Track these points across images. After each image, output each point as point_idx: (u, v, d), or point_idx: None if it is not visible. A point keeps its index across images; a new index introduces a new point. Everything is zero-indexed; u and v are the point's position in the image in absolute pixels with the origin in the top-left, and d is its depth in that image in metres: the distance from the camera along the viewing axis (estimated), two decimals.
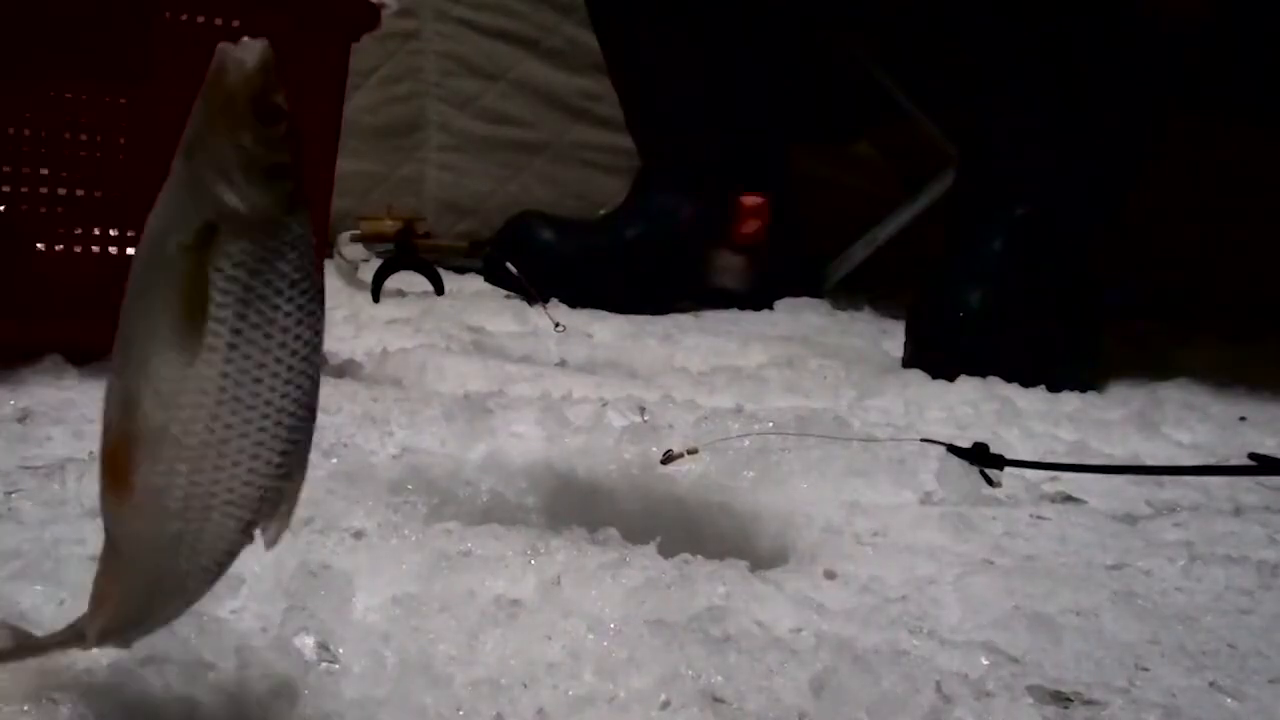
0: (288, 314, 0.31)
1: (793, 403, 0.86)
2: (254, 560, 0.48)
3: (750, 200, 1.44)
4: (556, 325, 1.09)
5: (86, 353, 0.77)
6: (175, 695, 0.36)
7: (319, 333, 0.32)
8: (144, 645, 0.38)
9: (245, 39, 0.30)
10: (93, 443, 0.63)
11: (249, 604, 0.45)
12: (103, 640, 0.34)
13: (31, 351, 0.75)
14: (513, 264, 1.31)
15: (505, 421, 0.71)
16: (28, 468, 0.58)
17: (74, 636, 0.34)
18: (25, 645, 0.35)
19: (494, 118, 1.79)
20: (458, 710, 0.38)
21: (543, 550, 0.49)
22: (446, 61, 1.77)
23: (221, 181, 0.31)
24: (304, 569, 0.47)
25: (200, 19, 0.79)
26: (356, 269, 1.38)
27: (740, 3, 1.44)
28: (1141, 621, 0.48)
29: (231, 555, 0.32)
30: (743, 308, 1.43)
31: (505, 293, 1.38)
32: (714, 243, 1.44)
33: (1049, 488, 0.68)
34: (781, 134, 1.55)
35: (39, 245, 0.78)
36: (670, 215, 1.46)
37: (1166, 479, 0.70)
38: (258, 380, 0.30)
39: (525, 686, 0.39)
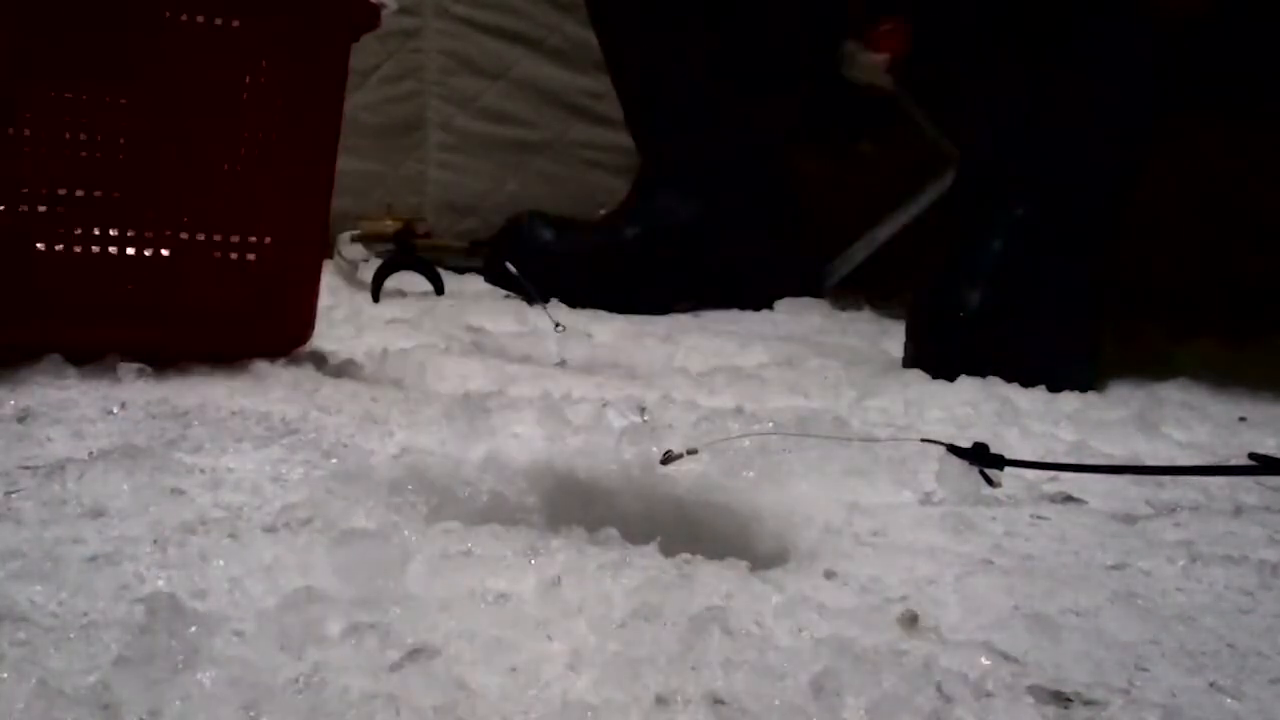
0: None
1: (793, 403, 0.86)
2: (253, 559, 0.48)
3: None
4: (556, 325, 1.09)
5: (86, 353, 0.77)
6: (173, 692, 0.36)
7: None
8: (144, 642, 0.38)
9: None
10: (93, 442, 0.63)
11: (248, 602, 0.45)
12: None
13: (31, 351, 0.75)
14: (513, 264, 1.31)
15: (505, 421, 0.71)
16: (28, 468, 0.58)
17: None
18: None
19: (494, 117, 1.79)
20: (457, 710, 0.38)
21: (543, 550, 0.49)
22: (447, 60, 1.77)
23: None
24: (304, 569, 0.47)
25: (200, 19, 0.79)
26: (356, 269, 1.38)
27: (741, 3, 1.44)
28: (1141, 621, 0.48)
29: None
30: (743, 308, 1.43)
31: (505, 293, 1.38)
32: (853, 37, 1.43)
33: (1049, 488, 0.68)
34: (782, 134, 1.55)
35: (39, 245, 0.78)
36: (670, 215, 1.46)
37: (1166, 479, 0.70)
38: None
39: (525, 686, 0.39)
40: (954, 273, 1.05)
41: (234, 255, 0.83)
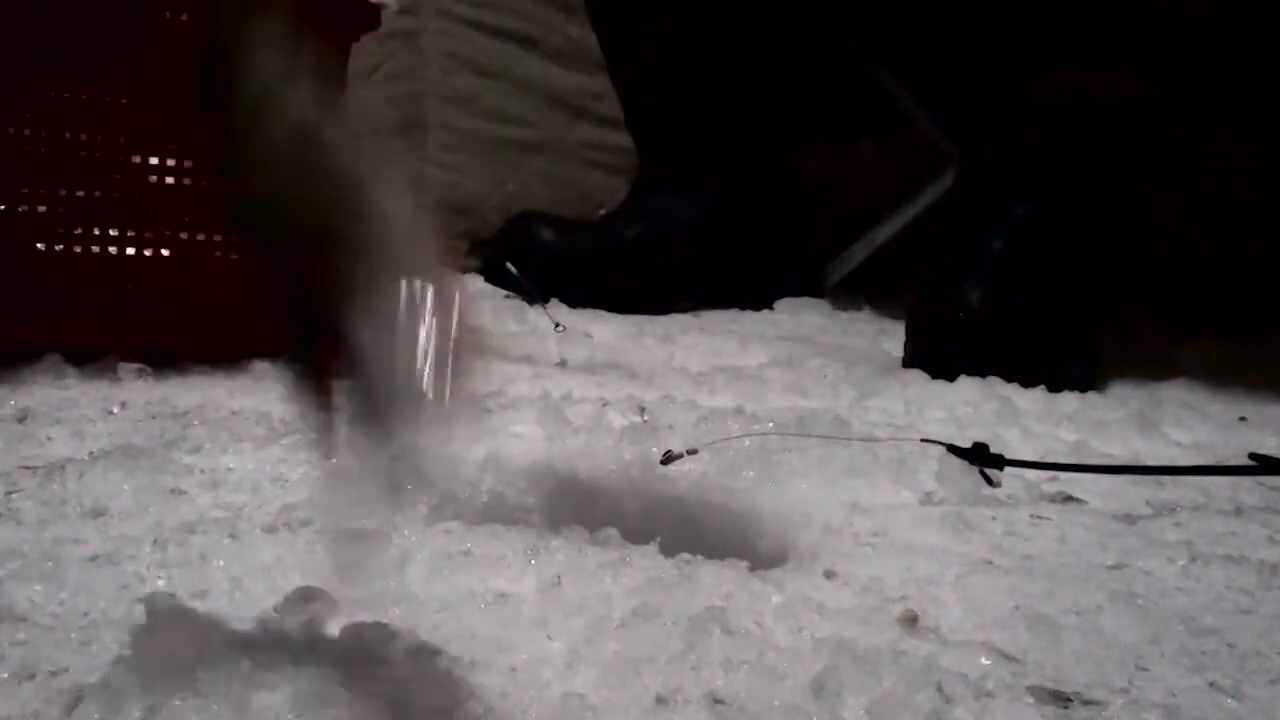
0: None
1: (793, 403, 0.86)
2: (253, 559, 0.48)
3: None
4: (556, 325, 1.09)
5: (86, 353, 0.77)
6: (173, 691, 0.36)
7: None
8: (144, 642, 0.38)
9: None
10: (93, 443, 0.63)
11: (248, 602, 0.45)
12: None
13: (31, 351, 0.75)
14: (513, 264, 1.31)
15: (505, 421, 0.71)
16: (28, 468, 0.58)
17: None
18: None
19: (495, 117, 1.79)
20: (457, 710, 0.38)
21: (543, 550, 0.49)
22: (447, 60, 1.77)
23: None
24: (304, 569, 0.47)
25: (200, 19, 0.79)
26: None
27: (741, 3, 1.44)
28: (1141, 621, 0.48)
29: None
30: (743, 308, 1.43)
31: (505, 293, 1.38)
32: None
33: (1049, 488, 0.68)
34: (781, 134, 1.55)
35: (39, 245, 0.78)
36: (670, 215, 1.46)
37: (1166, 479, 0.70)
38: None
39: (526, 686, 0.39)
40: (954, 273, 1.05)
41: (234, 255, 0.83)
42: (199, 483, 0.57)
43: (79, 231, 0.78)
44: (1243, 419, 0.90)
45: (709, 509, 0.63)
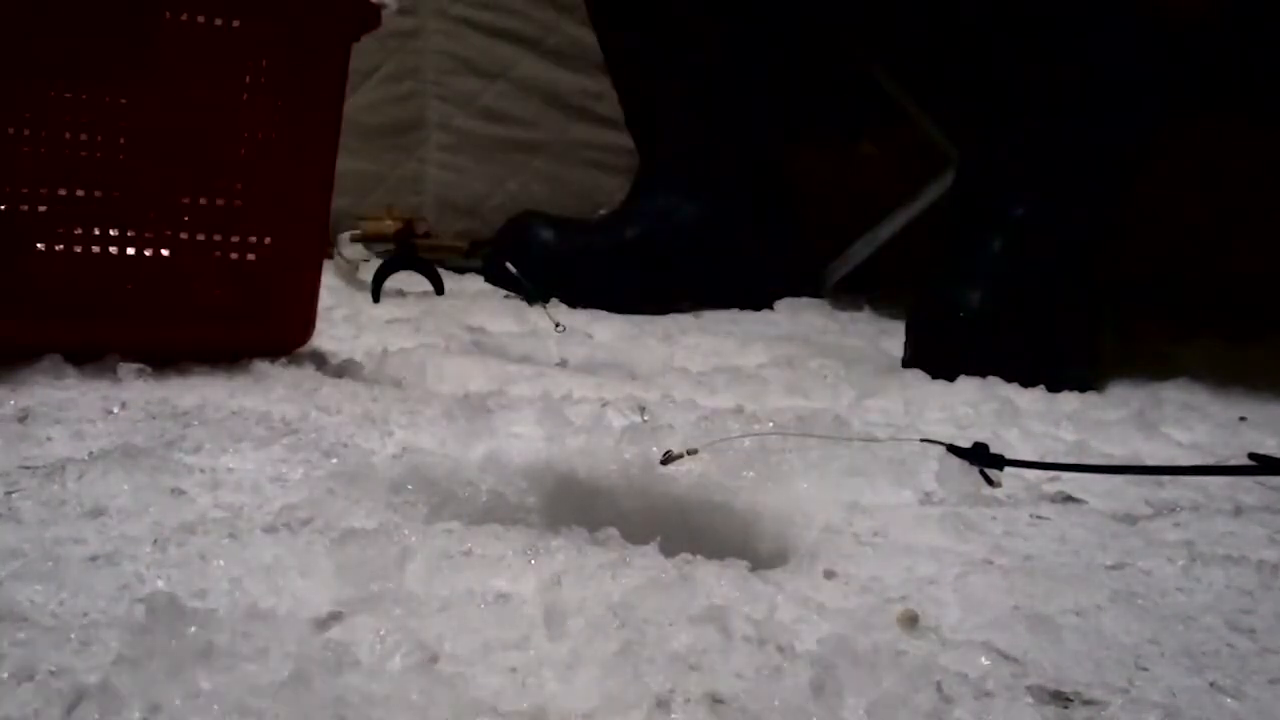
0: None
1: (793, 403, 0.86)
2: (253, 559, 0.48)
3: None
4: (556, 325, 1.09)
5: (86, 353, 0.77)
6: (173, 691, 0.36)
7: None
8: (144, 642, 0.38)
9: None
10: (93, 443, 0.63)
11: (248, 602, 0.45)
12: None
13: (31, 351, 0.75)
14: (513, 264, 1.31)
15: (505, 421, 0.71)
16: (28, 468, 0.58)
17: None
18: None
19: (494, 117, 1.79)
20: (457, 709, 0.38)
21: (543, 550, 0.49)
22: (446, 60, 1.77)
23: None
24: (304, 569, 0.47)
25: (200, 19, 0.79)
26: (356, 269, 1.38)
27: (741, 2, 1.44)
28: (1141, 621, 0.48)
29: None
30: (743, 307, 1.43)
31: (505, 293, 1.38)
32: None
33: (1049, 488, 0.68)
34: (781, 134, 1.55)
35: (39, 245, 0.78)
36: (670, 215, 1.46)
37: (1166, 479, 0.70)
38: None
39: (525, 686, 0.39)
40: (954, 273, 1.05)
41: (234, 255, 0.83)
42: (199, 483, 0.57)
43: (79, 231, 0.78)
44: (1243, 419, 0.90)
45: (709, 509, 0.63)
